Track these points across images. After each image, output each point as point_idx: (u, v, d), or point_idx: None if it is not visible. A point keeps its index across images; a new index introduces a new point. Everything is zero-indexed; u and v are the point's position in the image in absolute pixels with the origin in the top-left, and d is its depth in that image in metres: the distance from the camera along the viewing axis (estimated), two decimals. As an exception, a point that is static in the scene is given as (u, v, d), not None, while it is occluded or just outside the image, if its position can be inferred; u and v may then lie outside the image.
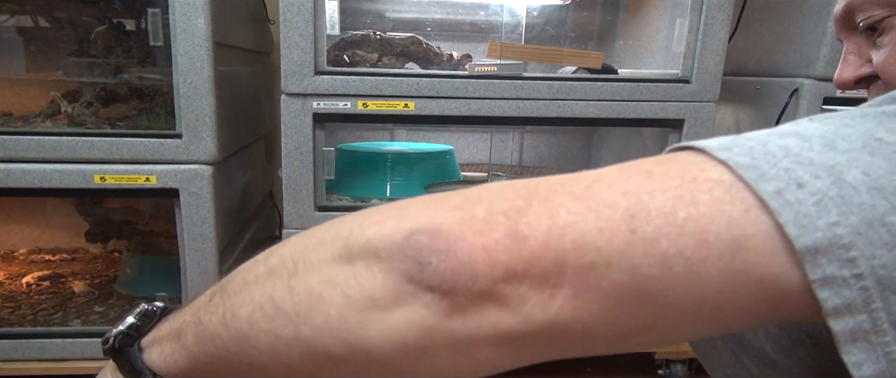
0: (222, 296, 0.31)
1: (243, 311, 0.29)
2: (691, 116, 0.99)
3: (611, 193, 0.25)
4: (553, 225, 0.24)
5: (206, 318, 0.31)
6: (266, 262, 0.30)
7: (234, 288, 0.31)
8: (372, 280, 0.25)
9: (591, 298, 0.24)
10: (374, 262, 0.25)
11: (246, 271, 0.31)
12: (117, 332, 0.37)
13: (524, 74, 0.97)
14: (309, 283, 0.27)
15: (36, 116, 0.99)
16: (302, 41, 0.89)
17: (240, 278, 0.31)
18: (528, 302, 0.24)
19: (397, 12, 1.26)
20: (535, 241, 0.24)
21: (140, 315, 0.38)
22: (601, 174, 0.26)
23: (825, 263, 0.23)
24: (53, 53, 1.04)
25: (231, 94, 1.01)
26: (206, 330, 0.31)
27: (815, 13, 1.02)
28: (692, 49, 0.98)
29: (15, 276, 1.16)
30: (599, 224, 0.24)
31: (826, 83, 1.02)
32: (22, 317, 1.01)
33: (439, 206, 0.26)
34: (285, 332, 0.27)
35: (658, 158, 0.27)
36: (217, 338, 0.30)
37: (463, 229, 0.24)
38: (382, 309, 0.25)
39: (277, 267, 0.29)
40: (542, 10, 1.29)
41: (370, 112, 0.94)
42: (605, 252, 0.24)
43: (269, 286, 0.28)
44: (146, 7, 0.88)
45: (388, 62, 1.06)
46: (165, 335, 0.35)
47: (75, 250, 1.29)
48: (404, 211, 0.27)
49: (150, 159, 0.90)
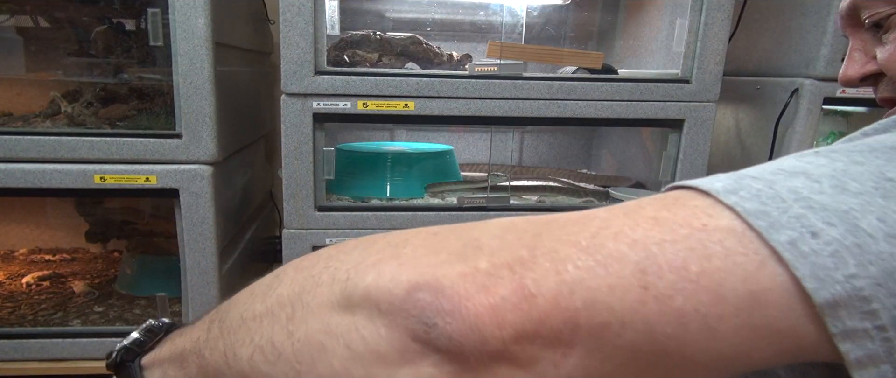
0: (221, 329, 0.31)
1: (244, 352, 0.28)
2: (691, 116, 0.99)
3: (618, 245, 0.24)
4: (561, 282, 0.23)
5: (207, 352, 0.31)
6: (264, 300, 0.29)
7: (233, 323, 0.30)
8: (375, 334, 0.24)
9: (605, 357, 0.23)
10: (376, 315, 0.24)
11: (242, 305, 0.31)
12: (120, 347, 0.37)
13: (524, 74, 0.97)
14: (309, 330, 0.26)
15: (36, 116, 0.99)
16: (302, 41, 0.89)
17: (237, 314, 0.31)
18: (540, 362, 0.23)
19: (397, 12, 1.26)
20: (544, 300, 0.23)
21: (145, 331, 0.38)
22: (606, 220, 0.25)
23: (846, 317, 0.22)
24: (53, 53, 1.04)
25: (231, 94, 1.01)
26: (209, 364, 0.31)
27: (815, 13, 1.02)
28: (692, 49, 0.98)
29: (15, 276, 1.16)
30: (610, 280, 0.23)
31: (826, 83, 1.03)
32: (22, 317, 1.01)
33: (437, 253, 0.25)
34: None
35: (662, 201, 0.26)
36: (220, 374, 0.30)
37: (467, 286, 0.23)
38: (389, 365, 0.24)
39: (275, 308, 0.28)
40: (542, 10, 1.29)
41: (370, 112, 0.94)
42: (617, 311, 0.23)
43: (267, 328, 0.28)
44: (146, 7, 0.88)
45: (388, 62, 1.06)
46: (167, 358, 0.35)
47: (75, 250, 1.29)
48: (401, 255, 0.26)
49: (150, 159, 0.90)
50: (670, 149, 1.04)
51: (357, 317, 0.25)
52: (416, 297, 0.24)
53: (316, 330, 0.26)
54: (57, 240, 1.31)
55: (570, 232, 0.25)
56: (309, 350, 0.26)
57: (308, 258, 0.30)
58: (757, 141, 1.16)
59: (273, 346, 0.27)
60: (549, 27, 1.33)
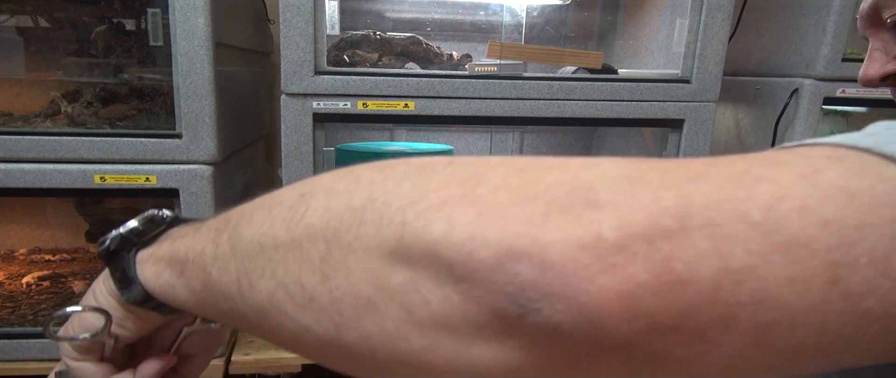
0: (233, 248, 0.26)
1: (263, 286, 0.24)
2: (691, 116, 0.99)
3: (805, 224, 0.18)
4: (725, 270, 0.17)
5: (214, 271, 0.27)
6: (288, 227, 0.24)
7: (248, 247, 0.26)
8: (444, 301, 0.19)
9: (755, 357, 0.18)
10: (446, 278, 0.19)
11: (259, 226, 0.26)
12: (115, 235, 0.34)
13: (524, 74, 0.97)
14: (352, 279, 0.21)
15: (36, 116, 0.99)
16: (302, 41, 0.89)
17: (252, 235, 0.26)
18: (668, 358, 0.18)
19: (397, 12, 1.26)
20: (698, 290, 0.17)
21: (145, 220, 0.34)
22: (778, 184, 0.19)
23: None
24: (53, 53, 1.04)
25: (231, 94, 1.01)
26: (217, 286, 0.27)
27: (815, 13, 1.02)
28: (692, 49, 0.98)
29: (15, 276, 1.16)
30: (791, 271, 0.18)
31: (826, 83, 1.03)
32: (22, 317, 1.01)
33: (533, 202, 0.19)
34: (320, 330, 0.22)
35: (843, 164, 0.20)
36: (230, 300, 0.26)
37: (588, 264, 0.17)
38: (459, 339, 0.19)
39: (303, 240, 0.23)
40: (542, 10, 1.29)
41: (370, 112, 0.94)
42: (793, 309, 0.18)
43: (295, 265, 0.23)
44: (146, 7, 0.88)
45: (388, 62, 1.06)
46: (165, 257, 0.32)
47: (75, 250, 1.29)
48: (477, 197, 0.19)
49: (150, 159, 0.90)
50: (670, 149, 1.04)
51: (419, 274, 0.20)
52: (511, 269, 0.18)
53: (362, 280, 0.21)
54: (57, 240, 1.30)
55: (732, 197, 0.18)
56: (352, 303, 0.21)
57: (341, 179, 0.25)
58: (757, 141, 1.16)
59: (303, 289, 0.23)
60: (549, 27, 1.33)
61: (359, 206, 0.22)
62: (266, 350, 1.04)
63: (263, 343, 1.06)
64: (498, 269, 0.18)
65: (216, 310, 0.28)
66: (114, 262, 0.33)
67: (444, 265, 0.19)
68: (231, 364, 1.01)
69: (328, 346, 0.23)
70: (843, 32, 0.99)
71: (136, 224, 0.34)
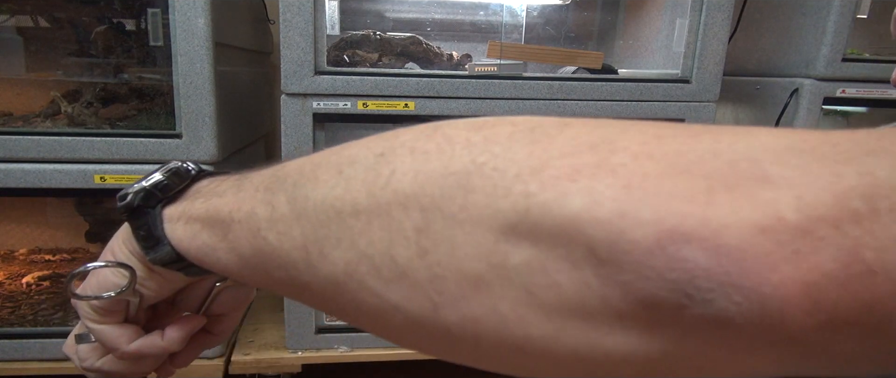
0: (296, 211, 0.24)
1: (339, 256, 0.22)
2: (691, 116, 0.99)
3: None
4: None
5: (272, 235, 0.24)
6: (370, 191, 0.21)
7: (317, 211, 0.23)
8: (581, 284, 0.17)
9: None
10: (585, 259, 0.17)
11: (329, 187, 0.23)
12: (139, 188, 0.31)
13: (524, 74, 0.97)
14: (457, 254, 0.19)
15: (36, 116, 0.99)
16: (302, 41, 0.89)
17: (321, 197, 0.23)
18: (833, 354, 0.16)
19: (397, 12, 1.26)
20: (887, 281, 0.15)
21: (170, 173, 0.31)
22: None
23: None
24: (53, 53, 1.04)
25: (231, 94, 1.01)
26: (275, 252, 0.24)
27: (815, 13, 1.02)
28: (692, 49, 0.98)
29: (15, 276, 1.16)
30: None
31: (826, 83, 1.03)
32: (22, 317, 1.01)
33: (689, 175, 0.16)
34: (412, 308, 0.20)
35: None
36: (291, 268, 0.24)
37: (770, 250, 0.15)
38: (594, 326, 0.17)
39: (391, 208, 0.20)
40: (542, 10, 1.29)
41: (370, 112, 0.94)
42: None
43: (381, 235, 0.20)
44: (146, 7, 0.88)
45: (388, 62, 1.06)
46: (201, 217, 0.29)
47: (75, 250, 1.29)
48: (616, 167, 0.17)
49: (150, 159, 0.90)
50: (670, 149, 1.04)
51: (547, 253, 0.17)
52: (676, 253, 0.15)
53: (471, 257, 0.19)
54: (57, 240, 1.30)
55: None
56: (457, 281, 0.19)
57: (426, 137, 0.22)
58: (757, 141, 1.15)
59: (393, 262, 0.20)
60: (549, 27, 1.33)
61: (461, 171, 0.19)
62: (266, 350, 1.04)
63: (263, 343, 1.06)
64: (657, 252, 0.16)
65: (269, 278, 0.26)
66: (137, 218, 0.31)
67: (584, 244, 0.17)
68: (231, 364, 1.01)
69: (419, 327, 0.20)
70: (843, 32, 0.99)
71: (161, 177, 0.31)
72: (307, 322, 1.03)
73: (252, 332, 1.10)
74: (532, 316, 0.18)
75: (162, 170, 0.31)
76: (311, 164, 0.24)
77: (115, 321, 0.34)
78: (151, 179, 0.31)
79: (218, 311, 0.37)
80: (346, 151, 0.24)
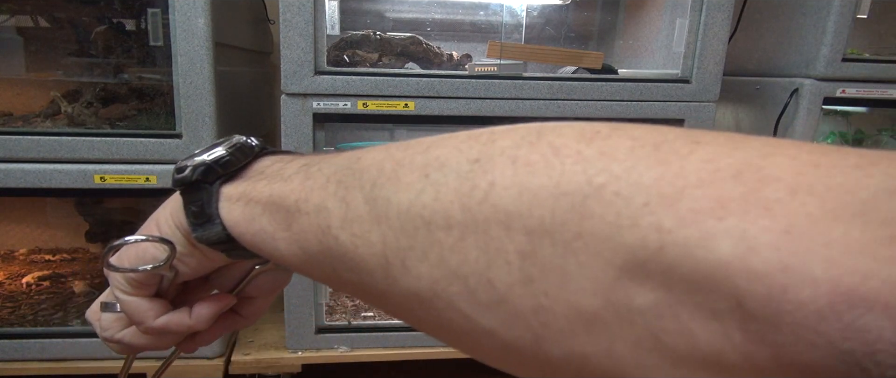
0: (376, 214, 0.21)
1: (425, 271, 0.20)
2: (691, 116, 0.99)
3: None
4: None
5: (346, 237, 0.22)
6: (462, 202, 0.19)
7: (400, 219, 0.21)
8: (722, 339, 0.15)
9: None
10: (730, 314, 0.15)
11: (413, 191, 0.21)
12: (199, 162, 0.29)
13: (524, 74, 0.97)
14: (571, 290, 0.17)
15: (36, 116, 0.99)
16: (302, 41, 0.89)
17: (406, 202, 0.21)
18: None
19: (397, 12, 1.26)
20: None
21: (234, 149, 0.29)
22: None
23: None
24: (53, 53, 1.04)
25: (231, 94, 1.01)
26: (347, 254, 0.22)
27: (815, 13, 1.02)
28: (692, 49, 0.98)
29: (15, 276, 1.16)
30: None
31: (826, 83, 1.03)
32: (22, 317, 1.01)
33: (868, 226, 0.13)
34: (509, 337, 0.18)
35: None
36: (366, 274, 0.22)
37: None
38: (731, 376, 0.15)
39: (490, 224, 0.18)
40: (542, 10, 1.29)
41: (370, 112, 0.94)
42: None
43: (480, 256, 0.19)
44: (146, 7, 0.88)
45: (388, 62, 1.06)
46: (263, 200, 0.27)
47: (75, 250, 1.29)
48: (780, 211, 0.14)
49: (150, 159, 0.90)
50: (670, 149, 1.04)
51: (681, 297, 0.15)
52: (856, 322, 0.13)
53: (584, 291, 0.17)
54: (57, 240, 1.30)
55: None
56: (567, 315, 0.17)
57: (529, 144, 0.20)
58: (757, 141, 1.15)
59: (491, 287, 0.18)
60: (549, 27, 1.33)
61: (575, 192, 0.17)
62: (266, 350, 1.04)
63: (263, 343, 1.06)
64: (830, 317, 0.13)
65: (336, 278, 0.24)
66: (191, 193, 0.29)
67: (731, 296, 0.14)
68: (231, 364, 1.01)
69: (514, 353, 0.19)
70: (843, 32, 0.99)
71: (224, 152, 0.29)
72: (307, 322, 1.03)
73: (252, 332, 1.10)
74: (654, 361, 0.16)
75: (225, 144, 0.29)
76: (392, 161, 0.22)
77: (146, 294, 0.33)
78: (214, 153, 0.29)
79: (251, 294, 0.36)
80: (434, 151, 0.21)
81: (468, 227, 0.19)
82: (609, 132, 0.19)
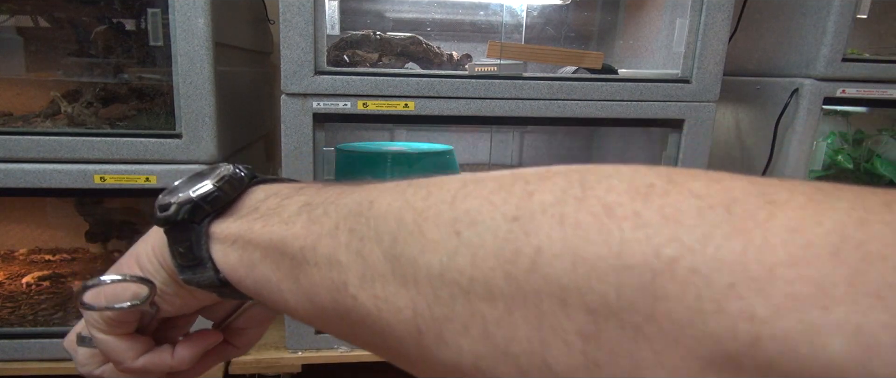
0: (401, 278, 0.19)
1: (466, 346, 0.18)
2: (691, 116, 0.99)
3: None
4: None
5: (366, 298, 0.20)
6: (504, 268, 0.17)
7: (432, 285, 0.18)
8: None
9: None
10: None
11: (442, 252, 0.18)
12: (185, 199, 0.25)
13: (524, 74, 0.97)
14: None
15: (36, 116, 0.99)
16: (302, 41, 0.89)
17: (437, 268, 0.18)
18: None
19: (397, 12, 1.26)
20: None
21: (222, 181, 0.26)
22: None
23: None
24: (53, 53, 1.04)
25: (231, 94, 1.01)
26: (369, 317, 0.20)
27: (815, 13, 1.02)
28: (692, 49, 0.98)
29: (15, 276, 1.16)
30: None
31: (826, 83, 1.03)
32: (22, 317, 1.01)
33: None
34: None
35: None
36: (392, 339, 0.20)
37: None
38: None
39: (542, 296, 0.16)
40: (542, 10, 1.29)
41: (370, 112, 0.94)
42: None
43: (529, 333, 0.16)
44: (146, 7, 0.88)
45: (388, 62, 1.06)
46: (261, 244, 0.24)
47: (75, 250, 1.29)
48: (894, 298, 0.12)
49: (150, 159, 0.90)
50: (670, 149, 1.04)
51: None
52: None
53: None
54: (57, 240, 1.30)
55: None
56: None
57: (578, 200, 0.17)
58: (757, 141, 1.16)
59: (547, 369, 0.16)
60: (549, 27, 1.33)
61: (642, 267, 0.15)
62: (266, 350, 1.04)
63: (263, 343, 1.06)
64: None
65: (355, 338, 0.22)
66: (177, 233, 0.26)
67: None
68: (231, 364, 1.01)
69: None
70: (843, 32, 0.99)
71: (211, 186, 0.26)
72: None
73: (252, 332, 1.10)
74: None
75: (212, 176, 0.26)
76: (412, 211, 0.20)
77: (124, 333, 0.30)
78: (200, 188, 0.26)
79: (243, 326, 0.34)
80: (461, 204, 0.19)
81: (515, 300, 0.17)
82: (666, 187, 0.16)
